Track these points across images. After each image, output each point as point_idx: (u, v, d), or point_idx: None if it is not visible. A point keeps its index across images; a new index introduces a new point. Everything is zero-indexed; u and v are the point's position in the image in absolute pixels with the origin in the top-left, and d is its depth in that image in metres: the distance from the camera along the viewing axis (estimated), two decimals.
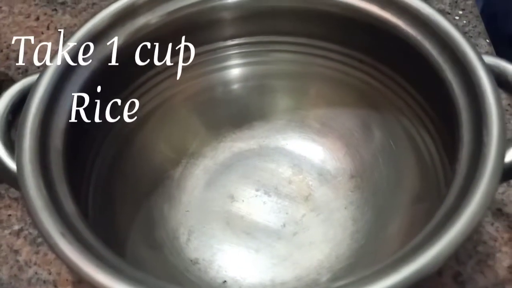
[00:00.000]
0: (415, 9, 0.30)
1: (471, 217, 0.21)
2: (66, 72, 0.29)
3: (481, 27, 0.46)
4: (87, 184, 0.30)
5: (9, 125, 0.28)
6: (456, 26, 0.29)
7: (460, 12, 0.47)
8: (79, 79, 0.30)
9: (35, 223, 0.24)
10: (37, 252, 0.35)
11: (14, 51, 0.48)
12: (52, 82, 0.28)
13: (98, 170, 0.31)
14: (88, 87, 0.30)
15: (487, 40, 0.45)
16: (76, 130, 0.29)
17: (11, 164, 0.27)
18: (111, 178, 0.33)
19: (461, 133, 0.25)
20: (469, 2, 0.48)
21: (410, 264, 0.21)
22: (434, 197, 0.29)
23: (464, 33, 0.45)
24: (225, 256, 0.34)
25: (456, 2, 0.48)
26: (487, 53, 0.44)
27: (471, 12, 0.47)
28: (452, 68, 0.28)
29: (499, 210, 0.35)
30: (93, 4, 0.51)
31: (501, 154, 0.23)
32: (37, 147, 0.26)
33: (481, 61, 0.26)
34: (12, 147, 0.27)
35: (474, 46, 0.28)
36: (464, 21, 0.47)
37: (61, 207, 0.24)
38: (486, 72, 0.26)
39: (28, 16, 0.51)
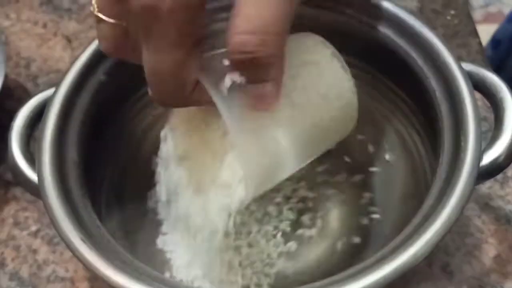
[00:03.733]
0: (401, 20, 0.32)
1: (446, 218, 0.24)
2: (78, 87, 0.31)
3: (472, 27, 0.48)
4: (99, 190, 0.32)
5: (28, 138, 0.30)
6: (438, 36, 0.31)
7: (452, 12, 0.49)
8: (90, 93, 0.32)
9: (57, 231, 0.26)
10: (54, 251, 0.37)
11: (23, 58, 0.49)
12: (66, 97, 0.30)
13: (110, 176, 0.34)
14: (98, 98, 0.32)
15: (477, 40, 0.47)
16: (89, 141, 0.31)
17: (32, 175, 0.29)
18: (121, 182, 0.35)
19: (442, 138, 0.27)
20: (461, 2, 0.50)
21: (390, 262, 0.24)
22: (423, 194, 0.31)
23: (456, 32, 0.48)
24: None
25: (448, 1, 0.50)
26: (477, 52, 0.46)
27: (462, 11, 0.49)
28: (435, 76, 0.30)
29: (486, 203, 0.37)
30: None
31: (477, 159, 0.25)
32: (55, 160, 0.28)
33: (461, 71, 0.29)
34: (32, 159, 0.30)
35: (456, 56, 0.30)
36: (456, 21, 0.48)
37: (80, 215, 0.27)
38: (465, 81, 0.28)
39: (36, 23, 0.52)
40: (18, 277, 0.37)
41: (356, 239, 0.35)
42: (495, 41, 0.61)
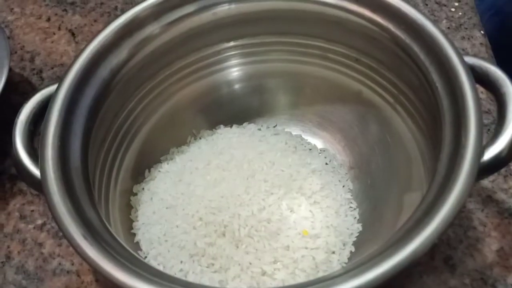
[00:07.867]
0: (403, 13, 0.32)
1: (445, 215, 0.24)
2: (81, 84, 0.31)
3: (476, 19, 0.47)
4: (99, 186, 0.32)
5: (31, 134, 0.30)
6: (440, 29, 0.31)
7: (456, 4, 0.48)
8: (93, 89, 0.32)
9: (60, 227, 0.26)
10: (60, 245, 0.38)
11: (28, 52, 0.49)
12: (69, 93, 0.31)
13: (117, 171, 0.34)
14: (101, 96, 0.32)
15: (482, 32, 0.46)
16: (92, 137, 0.31)
17: (35, 171, 0.29)
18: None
19: (443, 134, 0.27)
20: None
21: (390, 258, 0.24)
22: (424, 188, 0.31)
23: (460, 25, 0.47)
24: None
25: None
26: (481, 44, 0.45)
27: (466, 3, 0.48)
28: (437, 70, 0.30)
29: (489, 197, 0.37)
30: (101, 3, 0.52)
31: (477, 155, 0.25)
32: (58, 156, 0.28)
33: (463, 65, 0.28)
34: (35, 155, 0.30)
35: (457, 50, 0.29)
36: (460, 13, 0.48)
37: (82, 212, 0.27)
38: (467, 75, 0.28)
39: (40, 17, 0.52)
40: (24, 270, 0.37)
41: (360, 231, 0.35)
42: None
